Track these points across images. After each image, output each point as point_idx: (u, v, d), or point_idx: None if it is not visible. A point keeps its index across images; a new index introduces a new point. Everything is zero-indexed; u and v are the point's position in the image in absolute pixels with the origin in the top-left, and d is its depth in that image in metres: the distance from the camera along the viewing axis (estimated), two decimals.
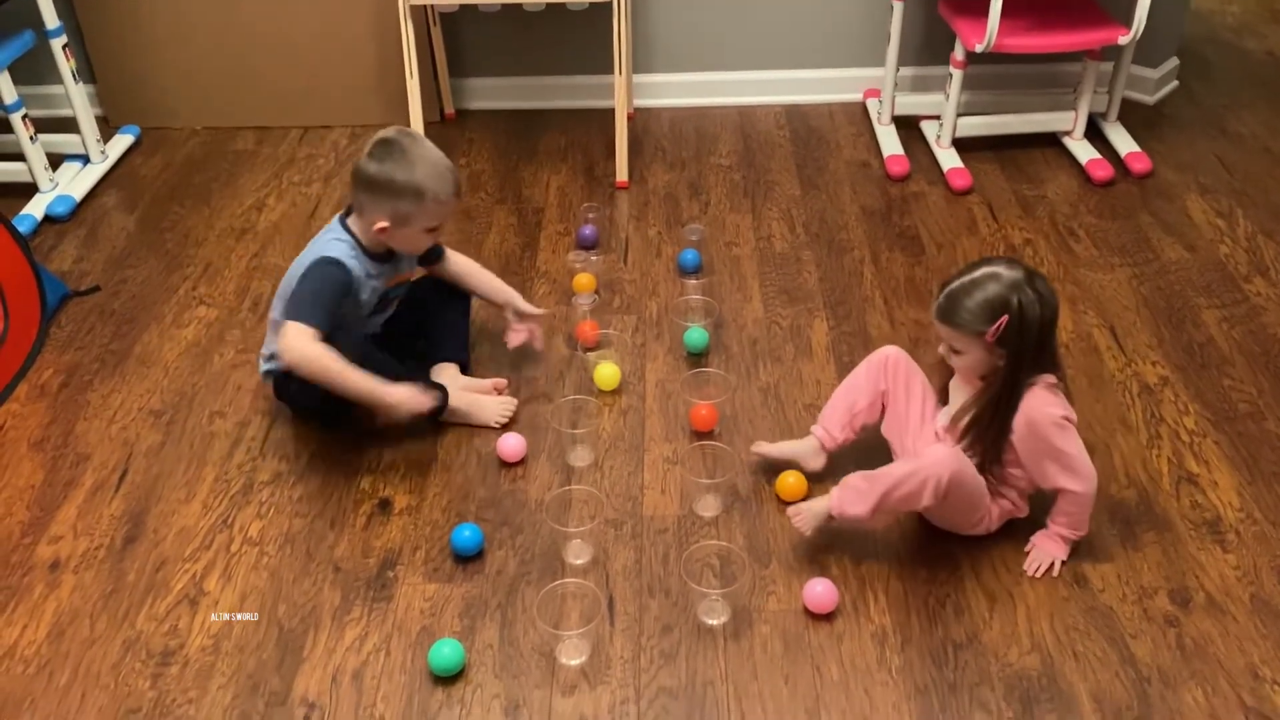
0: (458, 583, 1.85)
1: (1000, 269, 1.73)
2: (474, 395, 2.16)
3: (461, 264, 2.29)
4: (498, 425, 2.13)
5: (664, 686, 1.67)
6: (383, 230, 1.99)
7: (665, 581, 1.84)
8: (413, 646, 1.74)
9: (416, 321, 2.26)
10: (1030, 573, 1.83)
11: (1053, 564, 1.84)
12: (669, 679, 1.68)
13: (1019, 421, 1.76)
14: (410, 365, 2.13)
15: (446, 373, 2.22)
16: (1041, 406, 1.74)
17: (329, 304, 1.96)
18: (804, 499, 1.92)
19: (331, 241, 2.04)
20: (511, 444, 2.08)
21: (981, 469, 1.80)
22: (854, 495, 1.78)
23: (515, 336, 2.29)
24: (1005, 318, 1.69)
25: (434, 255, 2.23)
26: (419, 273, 2.25)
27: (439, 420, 2.12)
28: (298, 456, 2.12)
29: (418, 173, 1.95)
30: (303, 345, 1.90)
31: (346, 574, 1.88)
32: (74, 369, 2.38)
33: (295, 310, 1.93)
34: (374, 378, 1.95)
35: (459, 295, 2.31)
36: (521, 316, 2.30)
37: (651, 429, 2.17)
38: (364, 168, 1.97)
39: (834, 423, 1.99)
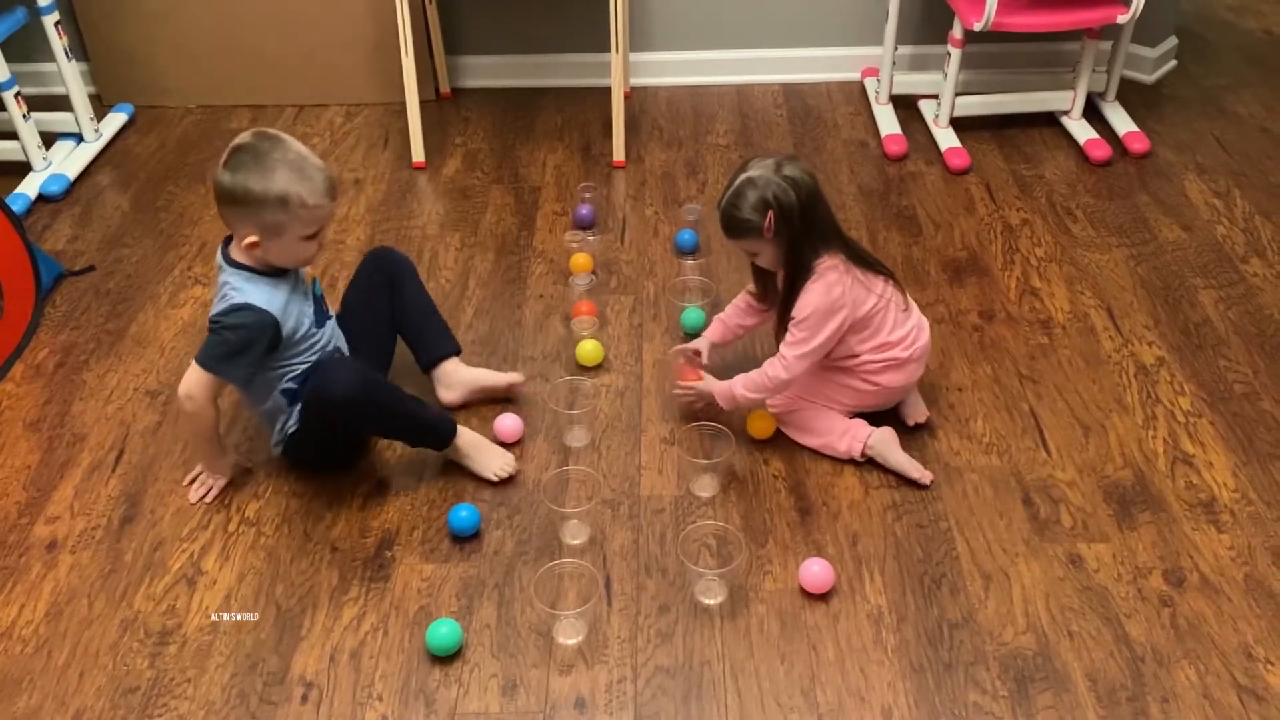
0: (455, 563, 1.85)
1: (752, 172, 1.89)
2: (480, 443, 2.01)
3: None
4: (495, 479, 1.99)
5: (661, 666, 1.68)
6: (254, 246, 1.80)
7: (662, 561, 1.85)
8: (410, 626, 1.75)
9: (372, 320, 2.12)
10: (679, 391, 2.08)
11: (699, 399, 2.08)
12: (666, 658, 1.69)
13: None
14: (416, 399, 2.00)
15: (454, 376, 2.13)
16: (811, 289, 1.90)
17: (249, 356, 1.83)
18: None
19: (233, 285, 1.84)
20: (509, 425, 2.08)
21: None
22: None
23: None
24: (770, 213, 1.86)
25: None
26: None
27: (447, 456, 2.02)
28: None
29: (277, 178, 1.76)
30: (199, 391, 1.84)
31: (344, 554, 1.88)
32: (70, 349, 2.38)
33: (210, 364, 1.83)
34: (218, 448, 1.96)
35: (392, 267, 2.13)
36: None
37: (649, 409, 2.17)
38: (219, 181, 1.79)
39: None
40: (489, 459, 2.01)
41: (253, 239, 1.80)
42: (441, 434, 1.98)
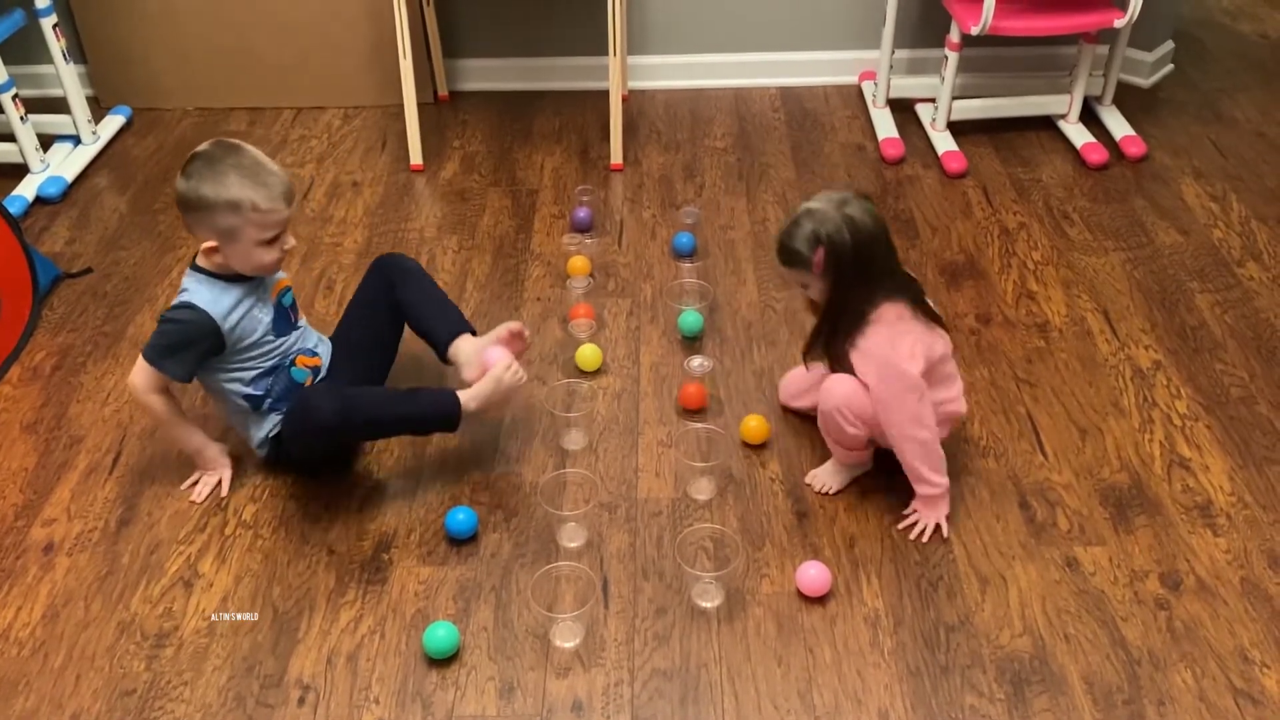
0: (452, 565, 1.85)
1: (815, 204, 1.83)
2: (483, 381, 1.95)
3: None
4: (523, 380, 1.99)
5: (658, 668, 1.68)
6: (213, 250, 1.83)
7: (659, 564, 1.85)
8: (407, 629, 1.75)
9: (391, 322, 2.12)
10: (913, 538, 1.89)
11: (938, 527, 1.89)
12: (663, 661, 1.69)
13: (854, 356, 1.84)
14: (410, 388, 2.03)
15: (465, 352, 2.04)
16: (863, 358, 1.82)
17: (186, 352, 1.85)
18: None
19: (185, 283, 1.89)
20: (495, 355, 2.01)
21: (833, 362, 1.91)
22: (833, 446, 1.96)
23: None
24: (820, 249, 1.79)
25: None
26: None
27: (457, 428, 1.98)
28: None
29: (229, 183, 1.78)
30: (144, 392, 1.88)
31: (341, 557, 1.88)
32: (67, 351, 2.38)
33: (149, 355, 1.86)
34: (199, 435, 1.97)
35: (404, 271, 2.12)
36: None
37: (646, 412, 2.17)
38: (177, 187, 1.82)
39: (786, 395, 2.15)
40: (504, 387, 1.96)
41: (210, 244, 1.83)
42: (444, 415, 1.94)
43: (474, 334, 2.08)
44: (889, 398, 1.81)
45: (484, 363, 1.99)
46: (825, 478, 1.98)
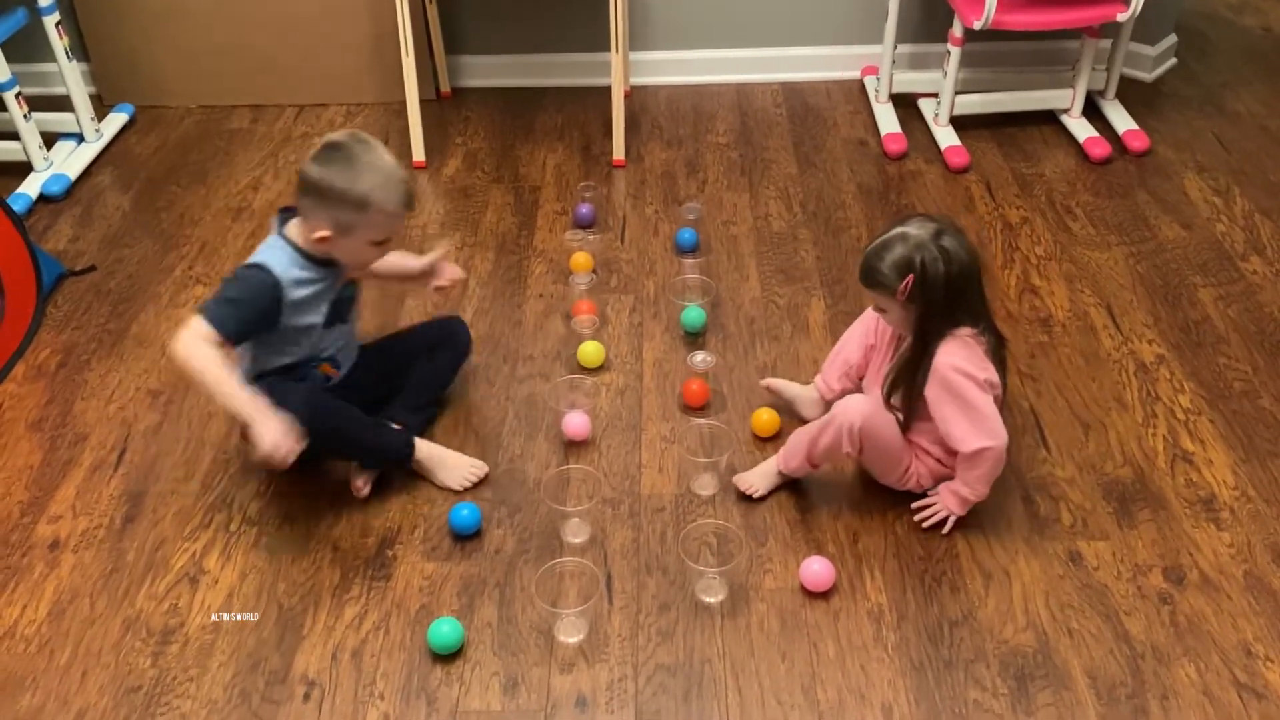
0: (456, 561, 1.86)
1: (910, 228, 1.77)
2: (443, 452, 2.01)
3: (385, 261, 2.05)
4: (460, 488, 1.98)
5: (662, 664, 1.69)
6: (324, 240, 1.83)
7: (663, 560, 1.85)
8: (412, 624, 1.75)
9: (397, 367, 2.11)
10: (919, 520, 1.88)
11: (946, 519, 1.88)
12: (666, 656, 1.70)
13: (930, 373, 1.79)
14: (378, 418, 2.01)
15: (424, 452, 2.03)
16: (944, 356, 1.77)
17: (243, 310, 1.81)
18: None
19: (263, 249, 1.88)
20: (576, 423, 2.07)
21: (906, 425, 1.86)
22: (790, 450, 1.93)
23: (440, 280, 2.11)
24: (910, 277, 1.73)
25: None
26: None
27: (408, 469, 2.00)
28: None
29: (363, 181, 1.79)
30: (192, 343, 1.75)
31: (345, 553, 1.88)
32: (71, 349, 2.38)
33: (205, 308, 1.80)
34: (256, 399, 1.75)
35: (449, 336, 2.16)
36: (433, 269, 2.11)
37: (649, 408, 2.17)
38: (306, 171, 1.81)
39: (832, 375, 2.07)
40: (450, 471, 1.99)
41: (324, 233, 1.82)
42: (397, 455, 1.98)
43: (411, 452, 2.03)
44: (973, 399, 1.76)
45: (564, 426, 2.03)
46: (756, 480, 1.96)
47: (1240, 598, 1.77)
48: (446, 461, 2.00)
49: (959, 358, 1.77)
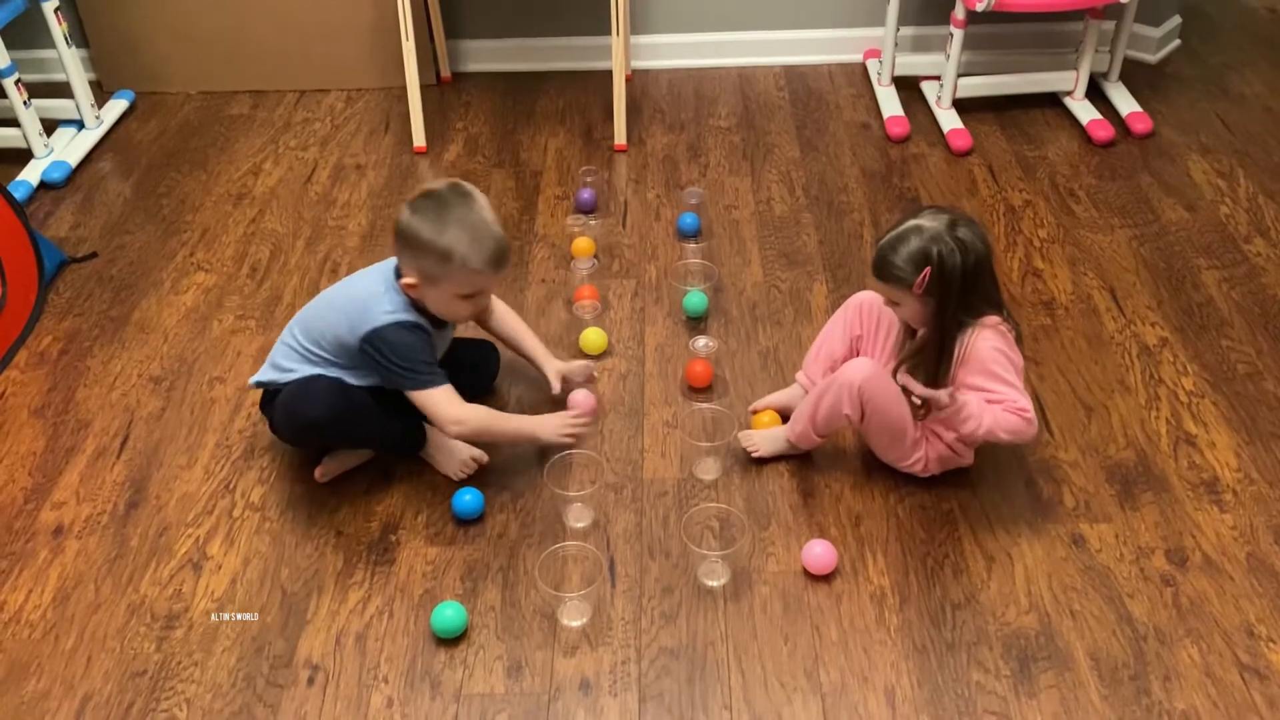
0: (459, 546, 1.86)
1: (924, 220, 1.75)
2: (441, 443, 1.99)
3: (507, 322, 2.12)
4: (456, 479, 1.97)
5: (665, 647, 1.69)
6: (412, 287, 1.82)
7: (665, 544, 1.86)
8: (415, 609, 1.76)
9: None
10: (911, 387, 1.73)
11: (933, 406, 1.73)
12: (670, 639, 1.70)
13: (964, 359, 1.77)
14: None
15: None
16: (984, 342, 1.76)
17: (431, 358, 1.87)
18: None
19: (386, 305, 1.84)
20: (580, 400, 2.08)
21: (924, 413, 1.80)
22: (795, 416, 1.94)
23: (581, 403, 2.09)
24: (928, 269, 1.72)
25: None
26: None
27: (419, 455, 2.01)
28: None
29: (449, 233, 1.77)
30: (459, 411, 1.85)
31: (348, 538, 1.89)
32: (73, 336, 2.38)
33: (412, 382, 1.84)
34: (522, 416, 1.97)
35: (482, 360, 2.17)
36: (568, 380, 2.13)
37: (651, 393, 2.17)
38: (399, 217, 1.82)
39: (815, 369, 2.04)
40: (451, 461, 1.98)
41: (412, 280, 1.82)
42: (410, 445, 1.99)
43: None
44: (1008, 374, 1.75)
45: (573, 401, 2.07)
46: (760, 440, 1.97)
47: (1243, 579, 1.77)
48: (447, 447, 1.99)
49: (998, 341, 1.77)
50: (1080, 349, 2.26)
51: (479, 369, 2.15)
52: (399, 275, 1.86)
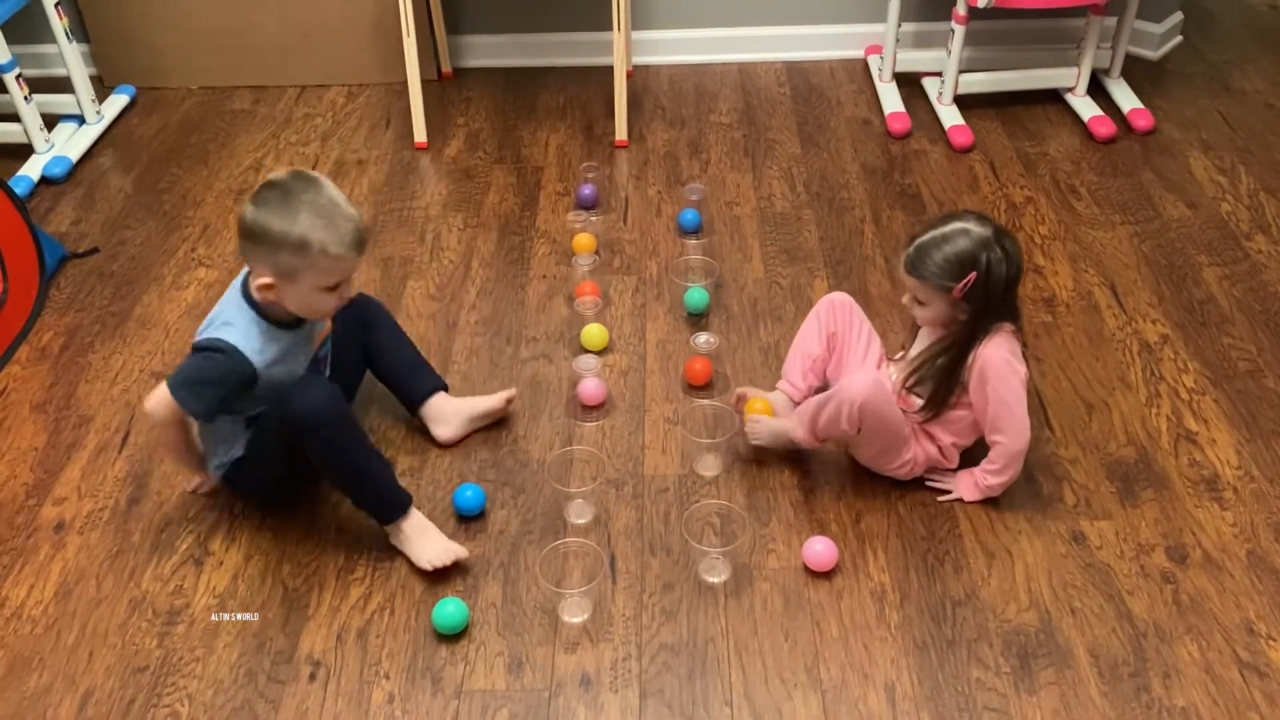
0: (460, 542, 1.86)
1: (970, 224, 1.73)
2: (424, 528, 1.81)
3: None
4: (427, 569, 1.78)
5: (665, 643, 1.69)
6: (267, 288, 1.68)
7: (666, 540, 1.86)
8: (416, 605, 1.76)
9: (352, 362, 2.01)
10: (930, 485, 1.91)
11: (958, 500, 1.90)
12: (670, 636, 1.70)
13: (975, 365, 1.78)
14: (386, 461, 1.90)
15: (447, 409, 2.03)
16: (995, 350, 1.76)
17: (211, 392, 1.72)
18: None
19: (226, 320, 1.74)
20: (591, 388, 2.09)
21: (933, 414, 1.85)
22: (798, 416, 1.91)
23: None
24: (974, 275, 1.70)
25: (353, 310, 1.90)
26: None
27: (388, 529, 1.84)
28: None
29: (300, 221, 1.63)
30: (160, 418, 1.75)
31: (349, 534, 1.89)
32: (74, 331, 2.38)
33: (177, 385, 1.71)
34: (197, 457, 1.86)
35: (366, 313, 2.01)
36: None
37: (652, 389, 2.18)
38: (242, 214, 1.67)
39: (794, 373, 2.04)
40: (425, 547, 1.79)
41: (267, 280, 1.68)
42: (396, 502, 1.80)
43: (447, 388, 2.06)
44: (1011, 397, 1.76)
45: (580, 391, 2.04)
46: (763, 430, 1.94)
47: (1243, 577, 1.77)
48: (427, 534, 1.81)
49: (1008, 351, 1.77)
50: (1081, 346, 2.26)
51: (371, 326, 2.01)
52: (245, 289, 1.74)
